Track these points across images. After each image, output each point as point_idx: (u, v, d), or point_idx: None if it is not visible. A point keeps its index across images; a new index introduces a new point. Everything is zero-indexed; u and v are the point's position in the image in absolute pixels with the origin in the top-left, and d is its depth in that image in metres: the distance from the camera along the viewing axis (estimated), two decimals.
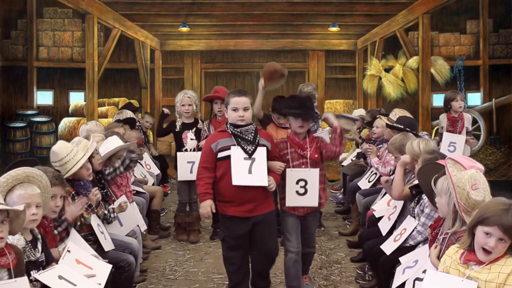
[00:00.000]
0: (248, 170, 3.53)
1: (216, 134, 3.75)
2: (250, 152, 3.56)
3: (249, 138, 3.59)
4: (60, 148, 3.60)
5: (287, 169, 3.76)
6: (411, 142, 3.95)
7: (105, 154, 4.28)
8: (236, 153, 3.55)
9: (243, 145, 3.57)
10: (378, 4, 8.85)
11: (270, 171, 3.63)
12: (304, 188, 3.75)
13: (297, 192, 3.76)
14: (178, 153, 5.38)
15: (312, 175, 3.75)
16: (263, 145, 3.64)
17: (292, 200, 3.78)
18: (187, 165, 5.27)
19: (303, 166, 3.77)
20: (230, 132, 3.61)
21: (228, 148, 3.58)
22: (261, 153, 3.59)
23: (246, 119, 3.62)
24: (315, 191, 3.77)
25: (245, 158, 3.55)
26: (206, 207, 3.56)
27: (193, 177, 4.75)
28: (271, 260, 3.82)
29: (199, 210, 3.79)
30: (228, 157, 3.56)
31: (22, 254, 2.56)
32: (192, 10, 8.77)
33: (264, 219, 3.65)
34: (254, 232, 3.67)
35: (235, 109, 3.61)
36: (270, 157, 3.67)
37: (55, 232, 3.25)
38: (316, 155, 3.78)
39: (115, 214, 4.02)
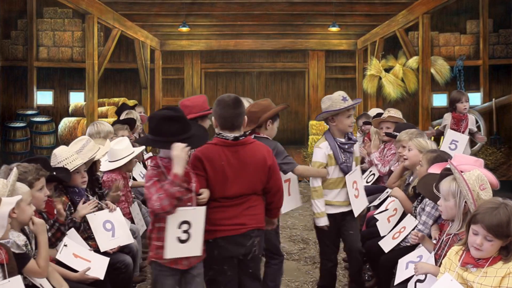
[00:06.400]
0: None
1: None
2: None
3: None
4: (60, 151, 3.69)
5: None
6: (423, 139, 4.00)
7: (117, 165, 4.26)
8: None
9: None
10: (378, 4, 8.85)
11: None
12: (187, 233, 2.87)
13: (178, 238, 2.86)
14: None
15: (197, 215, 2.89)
16: None
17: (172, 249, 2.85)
18: None
19: (188, 204, 2.88)
20: None
21: None
22: None
23: None
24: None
25: None
26: None
27: None
28: None
29: None
30: None
31: (10, 250, 2.56)
32: (192, 10, 8.76)
33: None
34: None
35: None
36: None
37: (49, 234, 3.23)
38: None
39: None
